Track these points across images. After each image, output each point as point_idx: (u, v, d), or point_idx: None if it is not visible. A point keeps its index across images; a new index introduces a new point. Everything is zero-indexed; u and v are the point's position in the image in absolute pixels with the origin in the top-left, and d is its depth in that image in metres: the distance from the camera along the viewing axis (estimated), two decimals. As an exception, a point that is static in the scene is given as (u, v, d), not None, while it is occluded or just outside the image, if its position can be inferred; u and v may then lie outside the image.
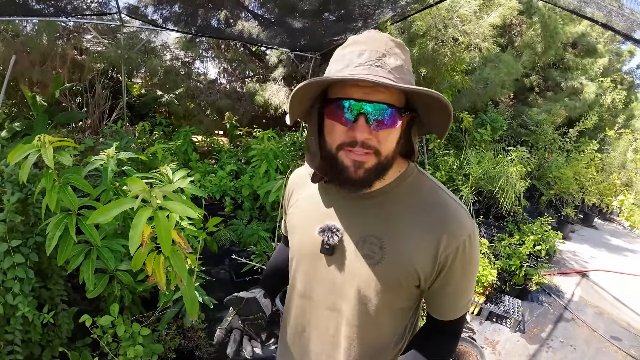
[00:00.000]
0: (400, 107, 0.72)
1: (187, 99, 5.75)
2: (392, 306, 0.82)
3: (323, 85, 0.75)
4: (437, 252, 0.75)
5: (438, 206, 0.78)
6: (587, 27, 7.07)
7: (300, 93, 0.71)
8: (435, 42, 4.22)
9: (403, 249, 0.77)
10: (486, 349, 2.86)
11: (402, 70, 0.70)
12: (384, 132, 0.71)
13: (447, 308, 0.84)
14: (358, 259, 0.80)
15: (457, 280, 0.79)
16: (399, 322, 0.87)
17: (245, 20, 4.65)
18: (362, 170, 0.73)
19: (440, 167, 4.69)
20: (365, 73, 0.67)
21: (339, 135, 0.73)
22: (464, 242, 0.76)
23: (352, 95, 0.69)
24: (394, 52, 0.71)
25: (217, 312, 2.81)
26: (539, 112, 6.73)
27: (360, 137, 0.70)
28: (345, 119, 0.70)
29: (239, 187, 3.79)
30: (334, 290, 0.85)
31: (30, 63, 3.35)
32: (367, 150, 0.71)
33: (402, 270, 0.77)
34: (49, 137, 1.28)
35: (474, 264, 0.81)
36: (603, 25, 2.97)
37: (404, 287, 0.79)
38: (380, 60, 0.69)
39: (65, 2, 3.37)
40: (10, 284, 1.41)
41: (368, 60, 0.69)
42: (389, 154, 0.74)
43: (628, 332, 3.36)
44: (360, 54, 0.70)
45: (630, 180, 7.10)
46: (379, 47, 0.70)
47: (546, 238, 3.90)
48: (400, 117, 0.72)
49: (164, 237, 1.31)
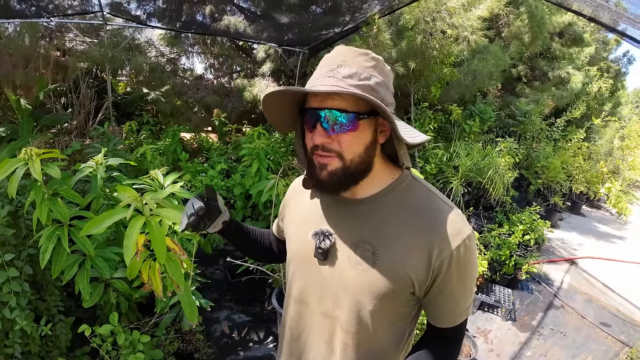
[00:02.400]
0: (359, 111, 0.74)
1: (174, 96, 5.65)
2: (386, 312, 0.82)
3: (297, 97, 0.81)
4: (431, 258, 0.75)
5: (431, 211, 0.79)
6: (574, 17, 7.11)
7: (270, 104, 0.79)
8: (423, 35, 4.22)
9: (395, 255, 0.77)
10: (478, 338, 2.94)
11: (358, 77, 0.73)
12: (344, 135, 0.75)
13: (446, 315, 0.83)
14: (350, 264, 0.81)
15: (454, 287, 0.79)
16: (394, 329, 0.87)
17: (231, 14, 4.57)
18: (326, 172, 0.78)
19: (430, 160, 4.72)
20: (317, 84, 0.74)
21: (309, 140, 0.79)
22: (458, 247, 0.75)
23: (312, 104, 0.76)
24: (352, 61, 0.75)
25: (215, 314, 2.83)
26: (527, 102, 6.81)
27: (317, 141, 0.76)
28: (309, 126, 0.78)
29: (231, 186, 3.77)
30: (328, 297, 0.85)
31: (13, 66, 3.25)
32: (328, 153, 0.76)
33: (394, 275, 0.78)
34: (35, 150, 1.25)
35: (471, 269, 0.80)
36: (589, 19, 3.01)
37: (398, 293, 0.79)
38: (334, 70, 0.74)
39: (47, 1, 3.27)
40: (7, 298, 1.40)
41: (324, 72, 0.75)
42: (354, 158, 0.77)
43: (617, 317, 3.47)
44: (321, 68, 0.77)
45: (617, 168, 7.27)
46: (337, 60, 0.76)
47: (535, 227, 3.99)
48: (358, 121, 0.74)
49: (159, 245, 1.31)
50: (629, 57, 11.66)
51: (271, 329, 2.75)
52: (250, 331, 2.72)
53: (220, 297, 3.07)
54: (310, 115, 0.76)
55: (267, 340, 2.66)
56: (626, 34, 2.77)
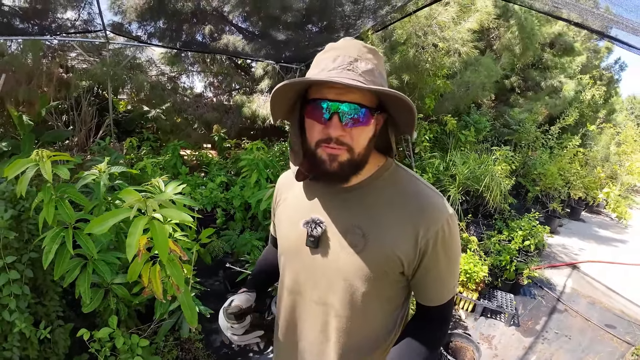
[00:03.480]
0: (372, 107, 0.78)
1: (174, 114, 5.76)
2: (378, 295, 0.85)
3: (301, 87, 0.81)
4: (417, 238, 0.80)
5: (415, 195, 0.83)
6: (564, 27, 7.32)
7: (278, 94, 0.77)
8: (416, 49, 4.33)
9: (384, 236, 0.81)
10: (482, 344, 2.90)
11: (373, 74, 0.77)
12: (357, 129, 0.77)
13: (433, 293, 0.86)
14: (342, 249, 0.84)
15: (440, 264, 0.83)
16: (387, 312, 0.90)
17: (230, 34, 4.71)
18: (336, 163, 0.79)
19: (427, 170, 4.77)
20: (338, 76, 0.74)
21: (317, 132, 0.79)
22: (442, 226, 0.80)
23: (327, 96, 0.76)
24: (366, 57, 0.77)
25: (214, 324, 2.80)
26: (521, 112, 6.92)
27: (334, 134, 0.76)
28: (321, 117, 0.77)
29: (230, 198, 3.80)
30: (321, 283, 0.88)
31: (16, 82, 3.34)
32: (340, 146, 0.78)
33: (384, 256, 0.81)
34: (46, 152, 1.30)
35: (455, 248, 0.85)
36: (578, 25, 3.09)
37: (389, 273, 0.83)
38: (352, 64, 0.75)
39: (50, 20, 3.39)
40: (7, 301, 1.41)
41: (341, 64, 0.75)
42: (361, 150, 0.80)
43: (622, 319, 3.44)
44: (334, 59, 0.77)
45: (614, 173, 7.31)
46: (352, 52, 0.77)
47: (534, 233, 3.99)
48: (372, 116, 0.79)
49: (161, 244, 1.33)
50: (620, 64, 11.93)
51: (271, 339, 2.72)
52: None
53: (220, 308, 3.05)
54: (323, 106, 0.76)
55: (267, 351, 2.63)
56: (618, 39, 2.83)
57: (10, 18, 3.20)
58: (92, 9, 3.70)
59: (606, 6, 2.90)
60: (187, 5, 3.99)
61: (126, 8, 4.13)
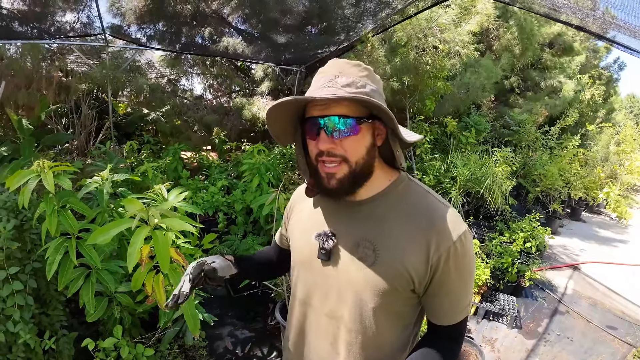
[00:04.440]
0: (360, 116, 0.79)
1: (174, 116, 5.74)
2: (389, 310, 0.84)
3: (297, 109, 0.85)
4: (429, 254, 0.78)
5: (427, 210, 0.82)
6: (563, 27, 7.32)
7: (271, 116, 0.82)
8: (416, 51, 4.33)
9: (395, 251, 0.80)
10: (485, 347, 2.90)
11: (355, 85, 0.79)
12: (348, 140, 0.79)
13: (446, 312, 0.84)
14: (353, 262, 0.84)
15: (452, 282, 0.80)
16: (398, 329, 0.88)
17: (229, 36, 4.70)
18: (335, 181, 0.82)
19: (428, 172, 4.77)
20: (318, 93, 0.78)
21: (313, 149, 0.83)
22: (454, 243, 0.78)
23: (313, 113, 0.80)
24: (348, 72, 0.80)
25: (217, 330, 2.80)
26: (521, 112, 6.92)
27: (322, 147, 0.79)
28: (312, 134, 0.81)
29: (232, 202, 3.78)
30: (332, 296, 0.87)
31: (15, 86, 3.33)
32: (333, 158, 0.80)
33: (395, 271, 0.80)
34: (47, 162, 1.29)
35: (468, 265, 0.82)
36: (577, 28, 3.09)
37: (398, 289, 0.81)
38: (332, 81, 0.78)
39: (49, 24, 3.37)
40: (10, 312, 1.40)
41: (323, 83, 0.79)
42: (359, 160, 0.81)
43: (623, 320, 3.45)
44: (318, 80, 0.82)
45: (614, 173, 7.32)
46: (333, 71, 0.81)
47: (535, 234, 4.00)
48: (361, 125, 0.79)
49: (163, 254, 1.33)
50: (619, 64, 11.93)
51: (275, 344, 2.72)
52: (253, 347, 2.68)
53: (223, 313, 3.05)
54: (312, 124, 0.80)
55: (271, 356, 2.62)
56: (616, 41, 2.83)
57: (9, 21, 3.19)
58: (91, 12, 3.68)
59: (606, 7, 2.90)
60: (187, 8, 3.97)
61: (125, 11, 4.11)
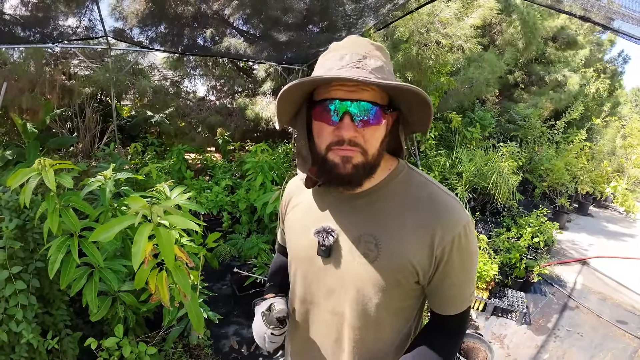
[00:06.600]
0: (384, 105, 0.74)
1: (177, 118, 5.77)
2: (392, 305, 0.82)
3: (308, 88, 0.76)
4: (433, 246, 0.75)
5: (430, 200, 0.79)
6: (566, 21, 7.24)
7: (286, 96, 0.73)
8: (418, 47, 4.30)
9: (398, 245, 0.77)
10: (494, 343, 2.86)
11: (383, 71, 0.72)
12: (370, 129, 0.73)
13: (449, 302, 0.82)
14: (355, 258, 0.80)
15: (456, 273, 0.78)
16: (401, 322, 0.86)
17: (231, 36, 4.70)
18: (350, 166, 0.74)
19: (433, 168, 4.73)
20: (344, 74, 0.69)
21: (327, 135, 0.75)
22: (459, 233, 0.75)
23: (336, 95, 0.71)
24: (374, 54, 0.74)
25: (222, 329, 2.79)
26: (526, 107, 6.85)
27: (347, 136, 0.72)
28: (331, 119, 0.73)
29: (236, 201, 3.79)
30: (334, 293, 0.84)
31: (19, 90, 3.35)
32: (353, 148, 0.73)
33: (398, 265, 0.77)
34: (49, 161, 1.28)
35: (472, 255, 0.80)
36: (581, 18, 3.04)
37: (403, 283, 0.79)
38: (361, 62, 0.71)
39: (52, 28, 3.39)
40: (13, 312, 1.40)
41: (350, 62, 0.71)
42: (374, 152, 0.76)
43: (634, 315, 3.39)
44: (341, 58, 0.72)
45: (621, 166, 7.22)
46: (359, 50, 0.73)
47: (543, 229, 3.95)
48: (384, 115, 0.74)
49: (167, 251, 1.31)
50: (624, 57, 11.78)
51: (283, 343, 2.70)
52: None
53: (229, 312, 3.04)
54: (332, 107, 0.71)
55: (277, 355, 2.61)
56: (621, 31, 2.78)
57: (12, 26, 3.21)
58: (93, 16, 3.70)
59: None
60: (188, 10, 3.98)
61: (127, 14, 4.13)
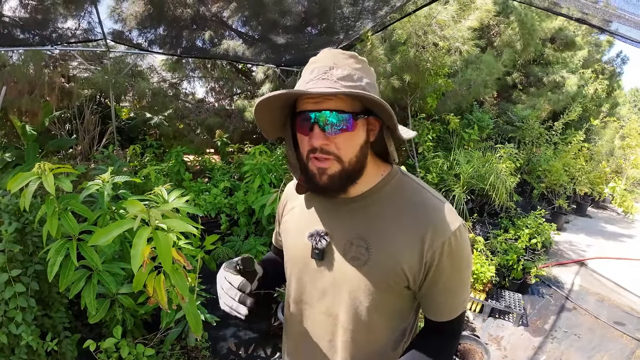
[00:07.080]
0: (355, 111, 0.75)
1: (176, 120, 5.78)
2: (384, 308, 0.83)
3: (287, 102, 0.80)
4: (423, 250, 0.76)
5: (421, 205, 0.80)
6: (564, 22, 7.25)
7: (264, 108, 0.76)
8: (416, 49, 4.32)
9: (388, 249, 0.79)
10: (491, 345, 2.88)
11: (352, 78, 0.75)
12: (342, 136, 0.75)
13: (442, 308, 0.83)
14: (346, 261, 0.82)
15: (448, 278, 0.79)
16: (395, 325, 0.87)
17: (230, 39, 4.72)
18: (326, 177, 0.78)
19: (431, 169, 4.75)
20: (311, 86, 0.73)
21: (305, 144, 0.78)
22: (449, 238, 0.76)
23: (307, 107, 0.75)
24: (343, 63, 0.76)
25: (220, 331, 2.80)
26: (524, 108, 6.87)
27: (316, 143, 0.74)
28: (305, 129, 0.76)
29: (234, 203, 3.80)
30: (327, 295, 0.86)
31: (18, 92, 3.37)
32: (326, 156, 0.76)
33: (388, 269, 0.78)
34: (48, 165, 1.30)
35: (464, 260, 0.80)
36: (578, 20, 3.06)
37: (393, 287, 0.80)
38: (327, 73, 0.74)
39: (51, 30, 3.41)
40: (13, 314, 1.41)
41: (317, 75, 0.75)
42: (352, 159, 0.77)
43: (631, 316, 3.40)
44: (311, 71, 0.77)
45: (619, 167, 7.23)
46: (327, 62, 0.76)
47: (541, 231, 3.96)
48: (355, 121, 0.76)
49: (164, 255, 1.33)
50: (622, 58, 11.80)
51: (278, 345, 2.71)
52: (257, 348, 2.68)
53: (226, 314, 3.04)
54: (304, 118, 0.75)
55: (275, 357, 2.62)
56: (618, 33, 2.79)
57: (11, 29, 3.22)
58: (92, 18, 3.72)
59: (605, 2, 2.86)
60: (187, 12, 4.00)
61: (126, 16, 4.15)
